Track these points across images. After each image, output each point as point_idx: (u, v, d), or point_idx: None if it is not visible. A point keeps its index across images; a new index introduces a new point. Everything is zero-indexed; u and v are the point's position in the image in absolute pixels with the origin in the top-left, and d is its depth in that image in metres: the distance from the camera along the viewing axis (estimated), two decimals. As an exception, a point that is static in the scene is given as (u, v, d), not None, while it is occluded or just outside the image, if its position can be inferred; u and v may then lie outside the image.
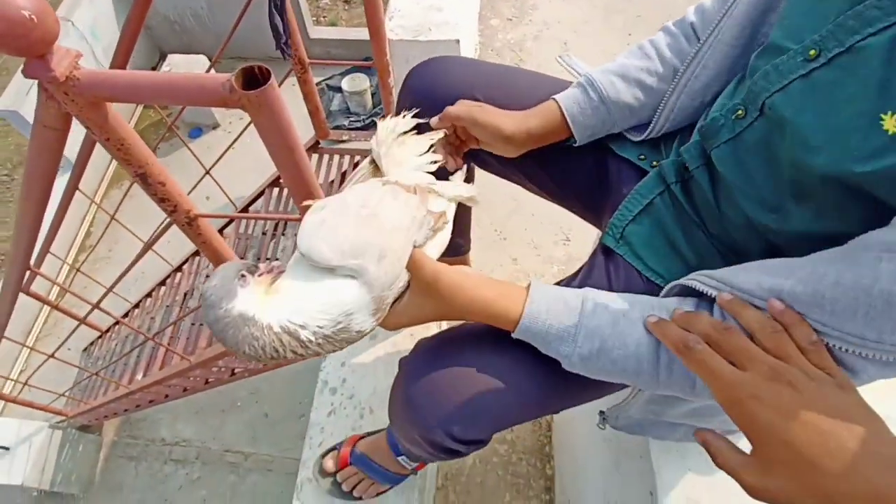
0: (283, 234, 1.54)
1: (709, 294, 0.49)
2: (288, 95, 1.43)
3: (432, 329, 0.93)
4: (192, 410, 2.58)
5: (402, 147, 0.62)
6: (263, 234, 1.61)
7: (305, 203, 0.54)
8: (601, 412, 0.75)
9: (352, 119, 2.76)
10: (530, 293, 0.55)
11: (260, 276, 0.46)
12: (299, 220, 0.83)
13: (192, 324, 1.61)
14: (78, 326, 1.53)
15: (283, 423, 2.57)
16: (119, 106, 0.61)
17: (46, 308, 2.71)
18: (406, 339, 0.89)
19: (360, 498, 0.82)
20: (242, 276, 0.44)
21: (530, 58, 2.25)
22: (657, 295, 0.57)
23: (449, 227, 0.59)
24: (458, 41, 1.59)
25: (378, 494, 0.82)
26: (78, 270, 1.80)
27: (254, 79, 0.50)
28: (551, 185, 0.78)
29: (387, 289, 0.47)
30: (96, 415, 2.18)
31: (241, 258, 1.63)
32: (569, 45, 2.33)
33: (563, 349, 0.53)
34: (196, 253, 1.95)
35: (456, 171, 0.70)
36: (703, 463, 0.74)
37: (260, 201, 1.69)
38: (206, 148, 3.16)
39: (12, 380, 2.15)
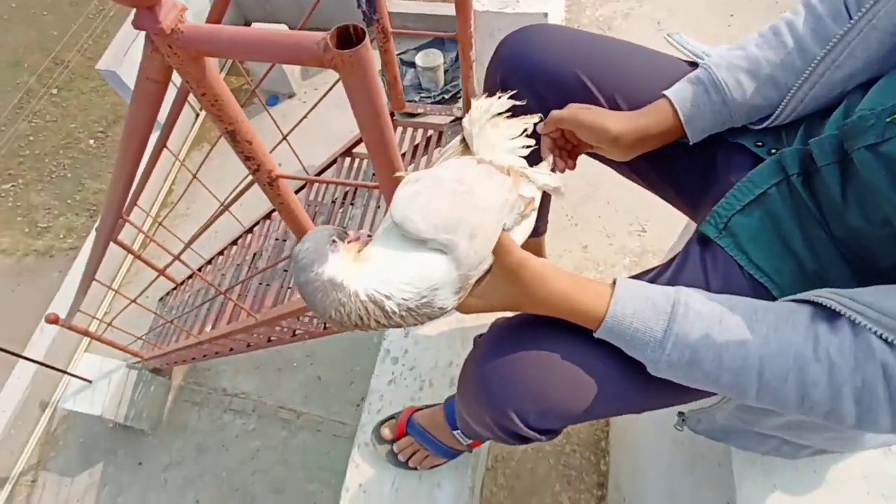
0: (351, 204, 1.57)
1: (851, 318, 0.44)
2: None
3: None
4: (253, 366, 2.72)
5: (496, 129, 0.60)
6: (333, 201, 1.64)
7: (397, 175, 0.53)
8: (680, 413, 0.71)
9: (423, 95, 2.75)
10: (616, 291, 0.51)
11: (349, 242, 0.47)
12: (375, 187, 0.83)
13: (260, 283, 1.67)
14: (157, 277, 1.62)
15: (334, 386, 2.67)
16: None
17: (130, 257, 2.90)
18: (472, 317, 0.88)
19: (416, 468, 0.83)
20: (333, 241, 0.44)
21: (619, 37, 2.15)
22: (759, 296, 0.52)
23: (534, 215, 0.57)
24: (545, 14, 1.53)
25: (433, 467, 0.82)
26: (160, 224, 1.92)
27: (347, 39, 0.49)
28: (646, 168, 0.72)
29: (474, 268, 0.47)
30: (167, 360, 2.33)
31: (311, 224, 1.67)
32: (662, 24, 2.19)
33: (648, 354, 0.50)
34: (266, 216, 2.02)
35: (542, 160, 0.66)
36: (792, 481, 0.69)
37: (331, 170, 1.72)
38: (282, 116, 3.26)
39: (98, 319, 2.33)
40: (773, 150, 0.61)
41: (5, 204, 3.95)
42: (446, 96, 2.77)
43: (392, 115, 1.48)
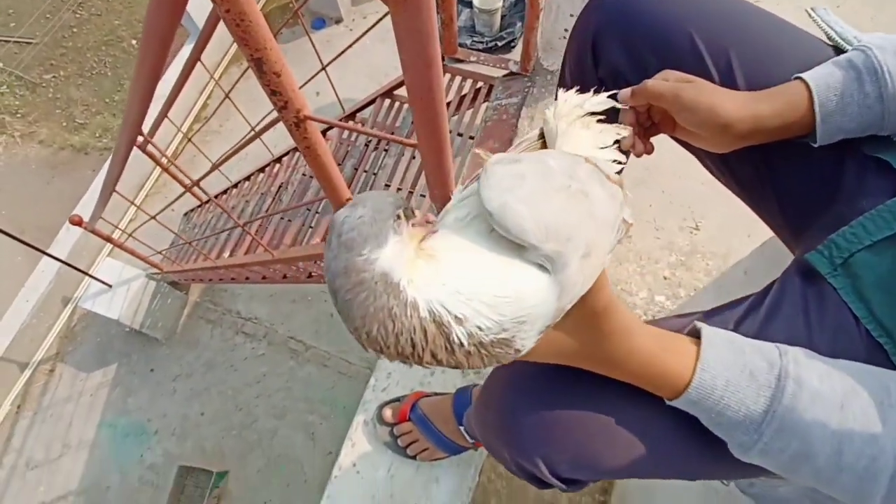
0: (385, 150, 1.47)
1: None
2: None
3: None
4: (268, 293, 2.74)
5: (586, 130, 0.45)
6: (366, 144, 1.55)
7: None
8: None
9: (475, 39, 2.58)
10: (702, 354, 0.41)
11: (413, 225, 0.34)
12: (412, 145, 0.74)
13: (282, 218, 1.62)
14: (181, 196, 1.58)
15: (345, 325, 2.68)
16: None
17: (159, 168, 2.88)
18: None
19: (414, 458, 0.77)
20: (398, 217, 0.31)
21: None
22: (875, 359, 0.42)
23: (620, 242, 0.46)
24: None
25: (433, 460, 0.77)
26: (189, 140, 1.86)
27: (404, -33, 0.39)
28: (747, 168, 0.58)
29: (574, 300, 0.35)
30: (185, 277, 2.35)
31: (338, 165, 1.59)
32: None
33: (738, 437, 0.40)
34: (296, 148, 1.95)
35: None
36: None
37: (369, 109, 1.62)
38: (326, 41, 3.12)
39: (119, 229, 2.34)
40: None
41: (45, 94, 3.95)
42: (499, 43, 2.59)
43: (442, 59, 1.36)
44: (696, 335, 0.44)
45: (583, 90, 0.54)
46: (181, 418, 2.59)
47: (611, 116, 0.49)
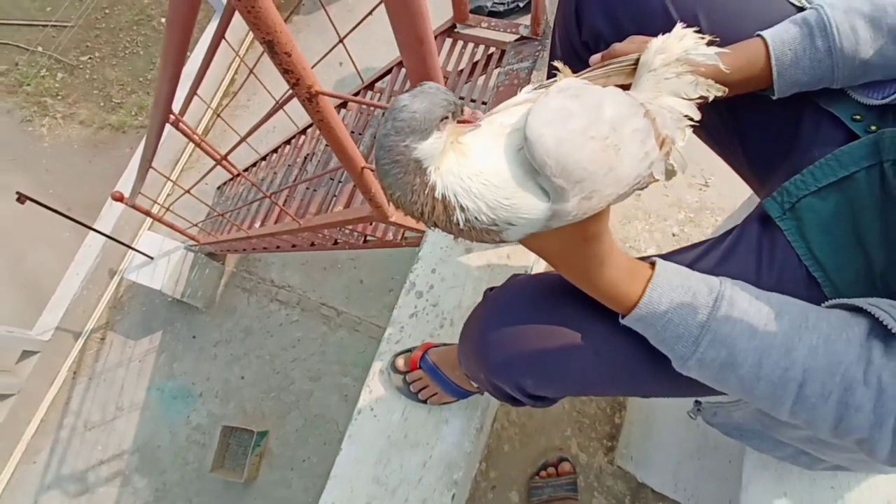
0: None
1: None
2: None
3: (530, 253, 0.88)
4: (300, 262, 2.84)
5: (679, 79, 0.47)
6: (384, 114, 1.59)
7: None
8: (697, 402, 0.67)
9: (496, 1, 2.55)
10: (654, 277, 0.47)
11: (459, 123, 0.39)
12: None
13: (307, 188, 1.69)
14: (212, 169, 1.66)
15: (374, 291, 2.77)
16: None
17: (192, 144, 2.98)
18: (501, 259, 0.86)
19: (425, 402, 0.85)
20: (445, 118, 0.37)
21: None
22: (811, 294, 0.47)
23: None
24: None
25: (442, 404, 0.84)
26: (218, 115, 1.93)
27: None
28: (715, 120, 0.63)
29: (562, 224, 0.41)
30: (221, 247, 2.46)
31: (359, 135, 1.63)
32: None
33: (678, 349, 0.46)
34: (321, 119, 2.00)
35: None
36: (804, 494, 0.65)
37: (387, 78, 1.65)
38: (347, 11, 3.12)
39: (158, 203, 2.46)
40: (873, 128, 0.51)
41: (83, 76, 4.09)
42: (521, 4, 2.56)
43: (453, 27, 1.38)
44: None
45: (568, 54, 0.57)
46: (223, 382, 2.75)
47: None
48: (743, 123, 0.61)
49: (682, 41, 0.47)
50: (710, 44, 0.47)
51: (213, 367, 2.77)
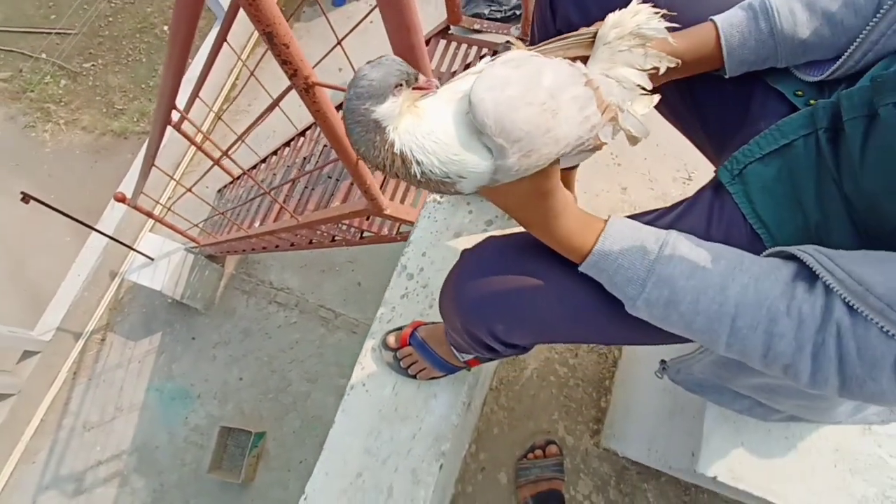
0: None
1: (822, 278, 0.44)
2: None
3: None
4: (299, 264, 2.88)
5: (631, 51, 0.52)
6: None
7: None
8: (662, 361, 0.72)
9: (493, 8, 2.61)
10: (607, 228, 0.52)
11: (414, 89, 0.45)
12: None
13: (305, 187, 1.73)
14: (211, 168, 1.70)
15: (371, 293, 2.80)
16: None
17: (193, 147, 3.03)
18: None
19: (415, 377, 0.89)
20: (399, 86, 0.43)
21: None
22: (755, 249, 0.51)
23: (592, 153, 0.55)
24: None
25: (431, 378, 0.88)
26: (219, 118, 1.98)
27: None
28: (676, 98, 0.69)
29: (507, 179, 0.46)
30: (220, 249, 2.50)
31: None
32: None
33: (628, 291, 0.51)
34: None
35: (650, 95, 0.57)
36: (760, 443, 0.70)
37: (384, 81, 1.71)
38: (347, 18, 3.19)
39: (160, 204, 2.50)
40: (812, 102, 0.57)
41: (86, 83, 4.15)
42: (518, 11, 2.62)
43: (447, 28, 1.43)
44: None
45: (542, 41, 0.62)
46: (221, 383, 2.77)
47: None
48: (700, 101, 0.67)
49: (636, 16, 0.52)
50: (664, 18, 0.52)
51: (211, 369, 2.80)
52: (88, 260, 2.90)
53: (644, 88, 0.52)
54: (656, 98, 0.53)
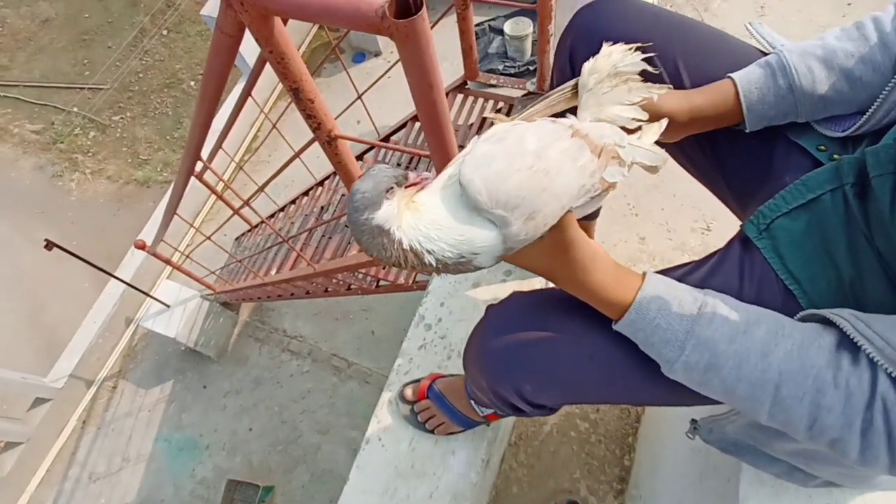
0: (415, 169, 1.59)
1: (857, 343, 0.43)
2: (449, 33, 1.43)
3: (535, 284, 0.91)
4: (312, 312, 2.87)
5: (614, 91, 0.53)
6: (398, 164, 1.67)
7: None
8: (693, 420, 0.69)
9: (507, 64, 2.69)
10: (644, 285, 0.50)
11: (407, 187, 0.47)
12: (427, 155, 0.83)
13: (322, 235, 1.75)
14: (231, 217, 1.73)
15: (385, 342, 2.77)
16: (297, 26, 0.64)
17: (213, 197, 3.10)
18: (507, 292, 0.88)
19: (433, 431, 0.86)
20: (391, 188, 0.45)
21: (715, 20, 1.99)
22: (788, 306, 0.50)
23: (604, 196, 0.55)
24: (634, -8, 1.45)
25: (449, 434, 0.85)
26: (241, 168, 2.03)
27: (406, 8, 0.50)
28: (699, 154, 0.69)
29: (521, 245, 0.47)
30: (236, 296, 2.50)
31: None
32: (766, 10, 2.00)
33: (666, 353, 0.48)
34: (336, 172, 2.09)
35: (650, 123, 0.57)
36: None
37: (402, 132, 1.75)
38: (366, 74, 3.31)
39: (179, 251, 2.53)
40: (835, 157, 0.57)
41: (114, 134, 4.32)
42: (532, 67, 2.69)
43: (464, 83, 1.47)
44: None
45: None
46: (231, 433, 2.72)
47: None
48: (722, 154, 0.67)
49: (610, 57, 0.53)
50: (639, 51, 0.53)
51: (221, 418, 2.75)
52: (105, 306, 2.93)
53: (640, 119, 0.53)
54: (664, 122, 0.54)
